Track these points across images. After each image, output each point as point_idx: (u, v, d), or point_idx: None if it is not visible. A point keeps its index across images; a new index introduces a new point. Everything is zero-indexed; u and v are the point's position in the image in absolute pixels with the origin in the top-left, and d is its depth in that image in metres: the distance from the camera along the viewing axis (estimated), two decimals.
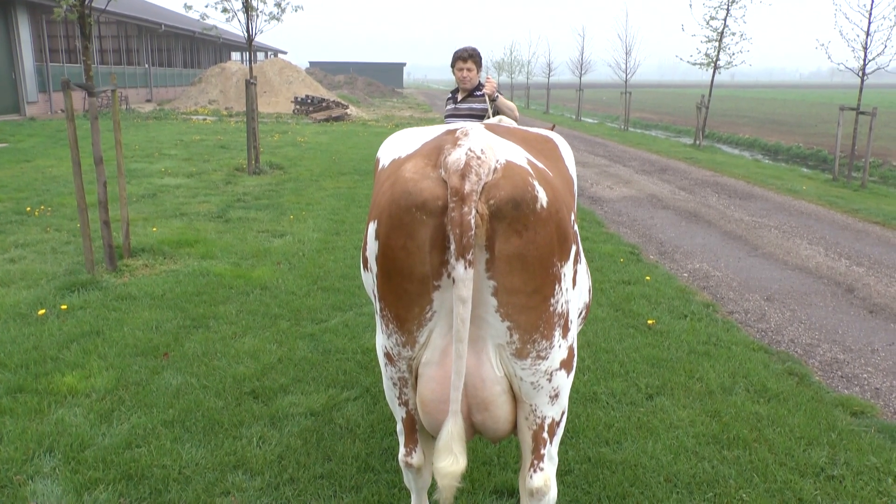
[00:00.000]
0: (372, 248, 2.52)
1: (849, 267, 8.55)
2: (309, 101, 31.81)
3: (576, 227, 2.61)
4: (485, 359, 2.50)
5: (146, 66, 37.53)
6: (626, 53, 30.41)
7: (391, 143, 2.96)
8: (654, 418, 4.46)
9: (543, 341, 2.47)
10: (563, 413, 2.69)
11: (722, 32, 20.63)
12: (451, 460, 2.46)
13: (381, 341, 2.67)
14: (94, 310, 5.95)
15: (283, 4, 12.96)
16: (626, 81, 30.59)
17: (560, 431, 2.74)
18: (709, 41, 20.99)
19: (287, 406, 4.44)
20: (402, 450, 2.84)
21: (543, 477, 2.63)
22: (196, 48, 48.17)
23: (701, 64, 21.27)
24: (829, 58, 15.11)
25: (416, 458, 2.81)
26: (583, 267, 2.84)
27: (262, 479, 3.68)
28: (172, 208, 10.35)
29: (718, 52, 20.98)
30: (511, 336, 2.44)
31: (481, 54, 6.41)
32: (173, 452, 3.87)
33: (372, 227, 2.52)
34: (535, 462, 2.63)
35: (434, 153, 2.43)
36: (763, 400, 4.78)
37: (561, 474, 3.79)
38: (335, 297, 6.53)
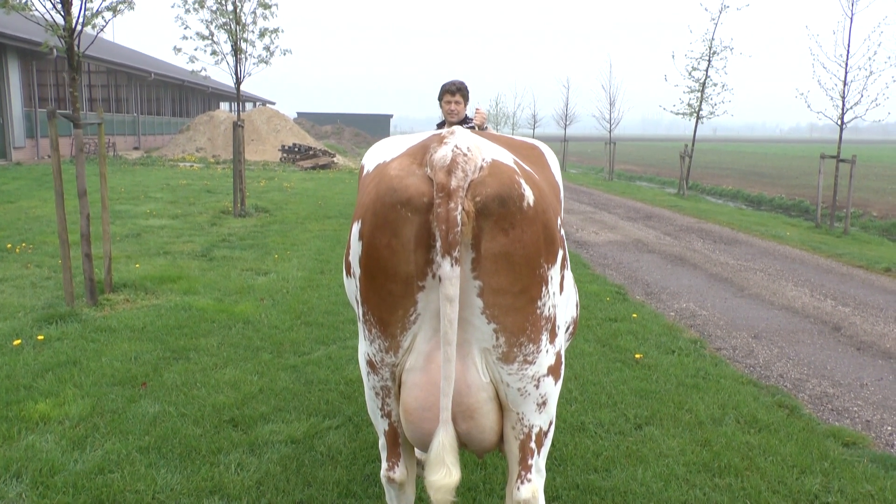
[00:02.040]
0: (355, 249, 2.47)
1: (834, 307, 8.56)
2: (296, 149, 31.99)
3: (563, 232, 2.58)
4: (470, 364, 2.43)
5: (135, 114, 37.73)
6: (611, 104, 30.97)
7: (376, 149, 2.93)
8: (644, 447, 4.37)
9: (530, 345, 2.41)
10: (550, 423, 2.61)
11: (704, 83, 21.07)
12: (443, 473, 2.36)
13: (364, 348, 2.59)
14: (71, 341, 5.82)
15: (271, 48, 13.11)
16: (610, 132, 31.06)
17: (548, 443, 2.65)
18: (691, 91, 21.44)
19: (267, 434, 4.32)
20: (384, 465, 2.74)
21: (531, 489, 2.53)
22: (185, 97, 48.56)
23: (683, 114, 21.64)
24: (809, 107, 15.42)
25: (398, 473, 2.71)
26: (570, 277, 2.80)
27: None
28: (156, 247, 10.26)
29: (701, 102, 21.39)
30: (497, 339, 2.38)
31: (468, 89, 6.46)
32: (147, 478, 3.73)
33: (356, 228, 2.47)
34: (523, 473, 2.54)
35: (420, 152, 2.40)
36: (753, 430, 4.70)
37: (548, 500, 3.68)
38: (319, 332, 6.43)
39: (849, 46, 14.65)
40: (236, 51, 12.75)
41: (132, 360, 5.49)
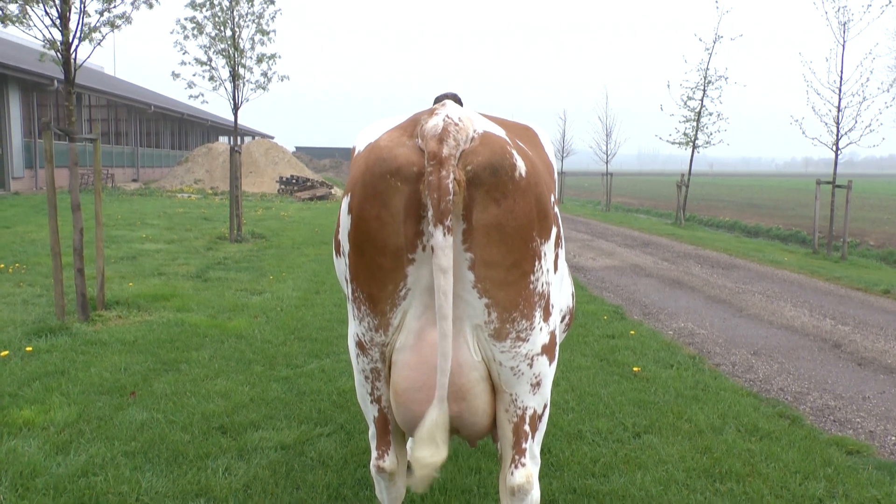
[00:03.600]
0: (345, 224, 2.42)
1: (834, 326, 8.48)
2: (294, 181, 32.08)
3: (557, 210, 2.52)
4: (462, 342, 2.36)
5: (134, 146, 37.89)
6: (607, 135, 31.15)
7: (367, 129, 2.89)
8: (643, 454, 4.27)
9: (523, 321, 2.34)
10: (545, 406, 2.53)
11: (699, 112, 21.22)
12: (431, 450, 2.28)
13: (353, 329, 2.53)
14: (60, 352, 5.72)
15: (269, 74, 13.20)
16: (606, 163, 31.20)
17: (542, 428, 2.57)
18: (687, 121, 21.55)
19: (256, 440, 4.21)
20: (373, 454, 2.65)
21: (525, 473, 2.45)
22: (184, 130, 48.84)
23: (680, 143, 21.75)
24: (804, 133, 15.50)
25: (388, 462, 2.62)
26: (564, 262, 2.74)
27: None
28: (151, 269, 10.19)
29: (696, 131, 21.50)
30: (489, 315, 2.32)
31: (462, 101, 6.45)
32: (132, 480, 3.62)
33: (345, 203, 2.42)
34: (517, 457, 2.46)
35: (410, 125, 2.36)
36: (755, 438, 4.60)
37: (544, 502, 3.57)
38: (312, 346, 6.34)
39: (842, 73, 14.79)
40: (234, 76, 12.83)
41: (122, 370, 5.39)
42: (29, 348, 5.75)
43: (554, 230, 2.44)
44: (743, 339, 7.70)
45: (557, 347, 2.59)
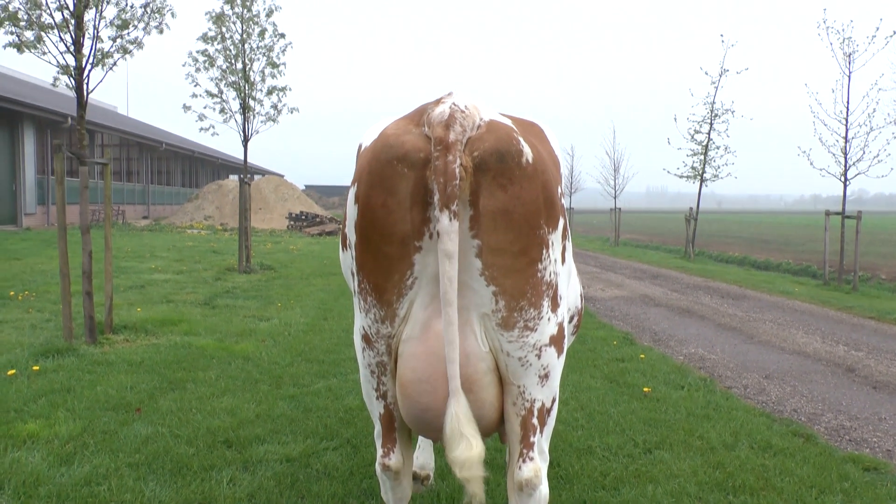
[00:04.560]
0: (351, 214, 2.42)
1: (847, 351, 8.38)
2: (303, 216, 32.25)
3: (563, 202, 2.51)
4: (469, 332, 2.33)
5: (145, 183, 38.25)
6: (615, 170, 31.26)
7: (373, 126, 2.90)
8: (654, 469, 4.19)
9: (531, 309, 2.32)
10: (553, 400, 2.50)
11: (706, 146, 21.28)
12: (464, 446, 2.22)
13: (359, 323, 2.51)
14: (66, 372, 5.70)
15: (279, 106, 13.36)
16: (615, 197, 31.25)
17: (551, 423, 2.53)
18: (694, 154, 21.61)
19: (262, 453, 4.16)
20: (378, 452, 2.61)
21: (533, 468, 2.40)
22: (195, 169, 49.31)
23: (687, 177, 21.79)
24: (812, 164, 15.50)
25: (394, 460, 2.58)
26: (571, 257, 2.71)
27: None
28: (159, 297, 10.20)
29: (704, 164, 21.53)
30: (497, 303, 2.29)
31: None
32: (135, 490, 3.57)
33: (351, 193, 2.42)
34: (525, 452, 2.41)
35: (417, 115, 2.38)
36: (769, 454, 4.51)
37: None
38: (319, 367, 6.30)
39: (848, 103, 14.84)
40: (245, 108, 12.98)
41: (127, 388, 5.36)
42: (35, 367, 5.74)
43: (561, 221, 2.43)
44: (754, 364, 7.61)
45: (566, 342, 2.56)
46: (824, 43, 14.95)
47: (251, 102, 12.99)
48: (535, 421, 2.41)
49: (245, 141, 13.38)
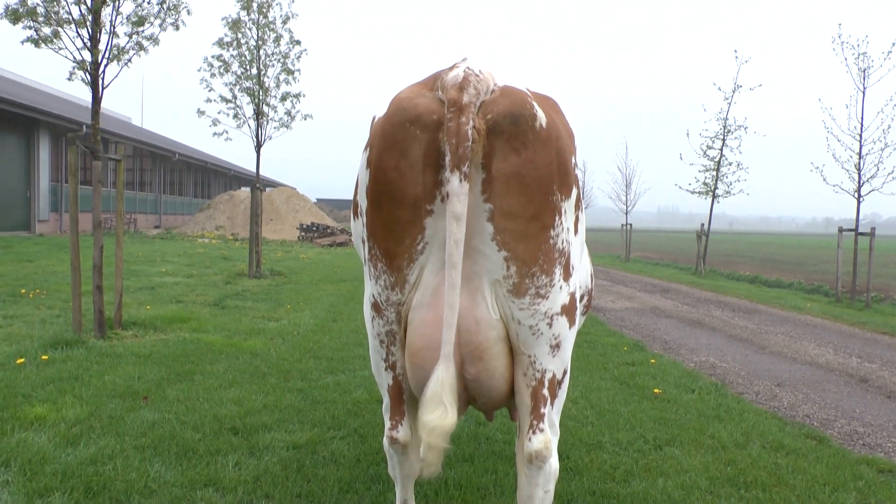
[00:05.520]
0: (363, 180, 2.40)
1: (860, 363, 8.28)
2: (314, 228, 32.32)
3: (577, 172, 2.49)
4: (479, 299, 2.31)
5: (157, 193, 38.47)
6: (627, 185, 31.20)
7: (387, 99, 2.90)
8: (664, 464, 4.13)
9: (543, 276, 2.29)
10: (565, 372, 2.46)
11: (719, 162, 21.21)
12: (440, 412, 2.20)
13: (369, 291, 2.49)
14: (75, 362, 5.70)
15: (292, 112, 13.42)
16: (626, 213, 31.17)
17: (562, 396, 2.50)
18: (706, 170, 21.54)
19: (268, 440, 4.14)
20: (387, 424, 2.58)
21: (543, 439, 2.36)
22: (207, 180, 49.58)
23: (699, 192, 21.71)
24: (825, 180, 15.42)
25: (401, 433, 2.55)
26: (584, 229, 2.68)
27: (235, 496, 3.35)
28: (169, 298, 10.21)
29: (716, 181, 21.46)
30: (508, 269, 2.27)
31: None
32: (140, 469, 3.55)
33: (363, 158, 2.41)
34: (535, 423, 2.38)
35: (431, 80, 2.37)
36: (781, 454, 4.44)
37: (563, 501, 3.45)
38: (328, 363, 6.28)
39: (862, 119, 14.76)
40: (258, 114, 13.05)
41: (135, 378, 5.35)
42: (44, 356, 5.74)
43: (574, 191, 2.41)
44: (766, 373, 7.53)
45: (578, 314, 2.53)
46: (839, 58, 14.92)
47: (265, 108, 13.07)
48: (545, 392, 2.38)
49: (258, 147, 13.45)
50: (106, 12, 6.68)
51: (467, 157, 2.12)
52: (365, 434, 4.31)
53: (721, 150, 21.15)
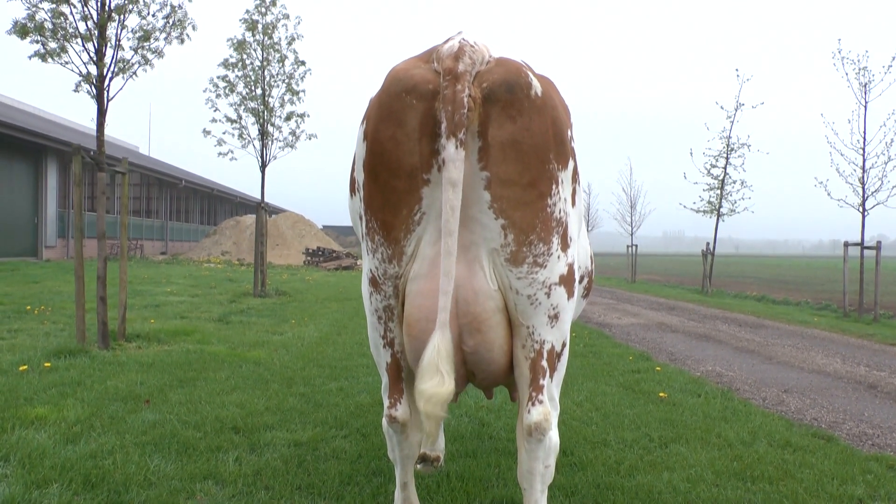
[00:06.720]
0: (360, 153, 2.41)
1: (869, 371, 8.20)
2: (320, 252, 32.37)
3: (574, 145, 2.50)
4: (477, 268, 2.31)
5: (164, 220, 38.65)
6: (632, 206, 31.23)
7: None
8: (670, 459, 4.08)
9: (540, 244, 2.29)
10: (564, 344, 2.45)
11: (723, 180, 21.22)
12: (437, 380, 2.18)
13: (367, 267, 2.49)
14: (78, 369, 5.69)
15: (297, 132, 13.52)
16: (632, 234, 31.15)
17: (561, 369, 2.48)
18: (710, 189, 21.54)
19: (270, 438, 4.11)
20: (385, 403, 2.56)
21: (542, 411, 2.34)
22: (213, 206, 49.81)
23: (704, 211, 21.69)
24: (829, 195, 15.39)
25: (400, 411, 2.53)
26: (582, 203, 2.67)
27: (235, 488, 3.32)
28: (173, 314, 10.21)
29: (721, 199, 21.45)
30: (505, 237, 2.27)
31: None
32: (140, 463, 3.53)
33: (360, 132, 2.42)
34: (534, 395, 2.36)
35: (427, 53, 2.39)
36: (788, 451, 4.39)
37: (567, 496, 3.40)
38: (332, 371, 6.25)
39: (865, 134, 14.78)
40: (263, 134, 13.15)
41: (137, 384, 5.34)
42: (47, 364, 5.73)
43: (571, 163, 2.41)
44: (773, 381, 7.46)
45: (576, 287, 2.52)
46: (839, 73, 14.97)
47: (269, 128, 13.16)
48: (544, 363, 2.37)
49: (262, 167, 13.52)
50: (111, 27, 6.76)
51: (463, 124, 2.13)
52: (367, 433, 4.28)
53: (725, 168, 21.18)
